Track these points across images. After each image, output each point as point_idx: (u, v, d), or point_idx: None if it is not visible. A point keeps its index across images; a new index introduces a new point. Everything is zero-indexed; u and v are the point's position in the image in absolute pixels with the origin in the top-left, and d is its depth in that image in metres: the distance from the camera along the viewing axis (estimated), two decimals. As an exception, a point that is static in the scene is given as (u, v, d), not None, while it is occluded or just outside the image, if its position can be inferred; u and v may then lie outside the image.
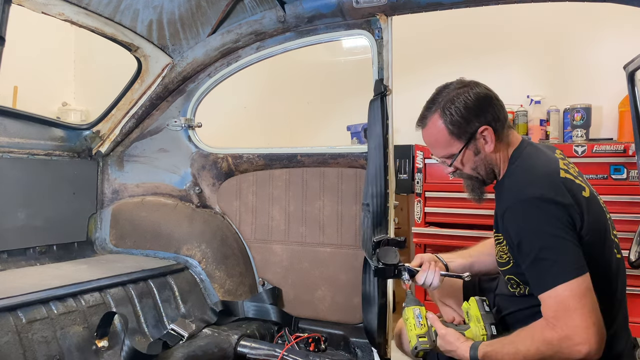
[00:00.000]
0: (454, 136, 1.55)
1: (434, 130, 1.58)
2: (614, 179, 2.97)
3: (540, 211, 1.36)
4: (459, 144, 1.55)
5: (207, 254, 2.48)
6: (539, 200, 1.37)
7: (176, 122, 2.67)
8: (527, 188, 1.42)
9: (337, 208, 2.37)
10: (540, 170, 1.47)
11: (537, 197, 1.37)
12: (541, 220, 1.36)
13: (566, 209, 1.35)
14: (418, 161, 3.51)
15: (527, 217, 1.39)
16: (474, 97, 1.52)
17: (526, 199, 1.39)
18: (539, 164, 1.50)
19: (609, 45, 3.55)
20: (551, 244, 1.33)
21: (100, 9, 2.16)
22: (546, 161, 1.51)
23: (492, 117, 1.53)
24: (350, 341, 2.28)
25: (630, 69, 2.07)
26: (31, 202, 2.43)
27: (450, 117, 1.53)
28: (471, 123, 1.52)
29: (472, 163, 1.58)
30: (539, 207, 1.36)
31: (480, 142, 1.54)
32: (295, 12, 2.26)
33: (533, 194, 1.38)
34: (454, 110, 1.52)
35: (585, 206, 1.39)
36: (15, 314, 1.69)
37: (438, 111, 1.55)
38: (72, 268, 2.32)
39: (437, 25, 3.89)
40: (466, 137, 1.54)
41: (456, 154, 1.57)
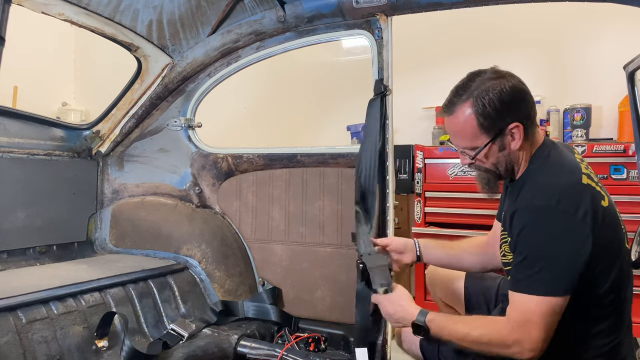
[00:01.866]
0: (482, 129, 1.46)
1: (462, 119, 1.47)
2: (614, 179, 2.97)
3: (550, 220, 1.32)
4: (485, 138, 1.47)
5: (207, 254, 2.48)
6: (551, 210, 1.32)
7: (176, 122, 2.67)
8: (544, 194, 1.36)
9: (337, 208, 2.37)
10: (561, 177, 1.40)
11: (551, 206, 1.32)
12: (547, 229, 1.32)
13: (578, 223, 1.31)
14: (418, 161, 3.51)
15: (534, 221, 1.35)
16: (510, 90, 1.43)
17: (540, 205, 1.35)
18: (559, 169, 1.44)
19: (609, 45, 3.55)
20: (545, 255, 1.31)
21: (100, 9, 2.16)
22: (569, 167, 1.44)
23: (525, 114, 1.46)
24: (350, 341, 2.28)
25: (630, 69, 2.07)
26: (31, 202, 2.43)
27: (482, 109, 1.43)
28: (503, 118, 1.44)
29: (495, 158, 1.51)
30: (551, 216, 1.32)
31: (507, 138, 1.46)
32: (295, 12, 2.26)
33: (548, 202, 1.33)
34: (487, 101, 1.42)
35: (601, 216, 1.34)
36: (15, 314, 1.69)
37: (470, 100, 1.45)
38: (72, 268, 2.32)
39: (437, 26, 3.90)
40: (495, 132, 1.46)
41: (481, 147, 1.49)
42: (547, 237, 1.32)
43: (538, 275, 1.31)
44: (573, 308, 1.35)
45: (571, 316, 1.37)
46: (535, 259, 1.32)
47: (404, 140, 3.74)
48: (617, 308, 1.42)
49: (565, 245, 1.30)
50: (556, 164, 1.46)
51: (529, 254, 1.34)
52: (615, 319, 1.42)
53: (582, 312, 1.38)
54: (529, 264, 1.33)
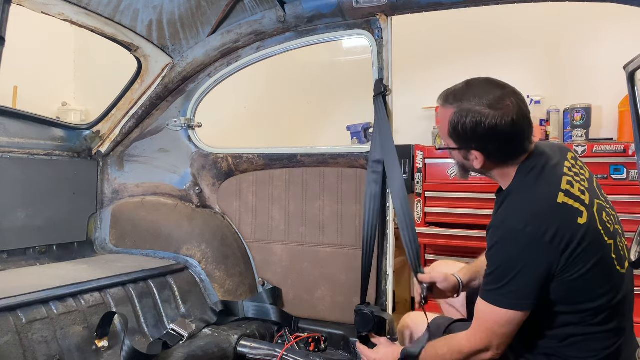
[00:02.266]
0: (450, 137, 1.54)
1: (442, 116, 1.57)
2: (614, 179, 2.97)
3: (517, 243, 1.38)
4: (452, 143, 1.56)
5: (207, 254, 2.48)
6: (519, 233, 1.37)
7: (176, 122, 2.67)
8: (515, 217, 1.41)
9: (337, 208, 2.37)
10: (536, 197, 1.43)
11: (520, 229, 1.37)
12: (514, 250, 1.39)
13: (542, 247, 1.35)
14: (418, 161, 3.50)
15: (502, 241, 1.41)
16: (487, 127, 1.43)
17: (510, 228, 1.40)
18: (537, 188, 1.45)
19: (609, 45, 3.55)
20: (511, 272, 1.38)
21: (100, 9, 2.16)
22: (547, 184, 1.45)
23: (494, 150, 1.48)
24: (350, 341, 2.28)
25: (630, 69, 2.07)
26: (31, 202, 2.43)
27: (455, 124, 1.48)
28: (469, 143, 1.50)
29: (462, 162, 1.60)
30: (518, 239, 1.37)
31: (471, 156, 1.52)
32: (295, 12, 2.26)
33: (517, 224, 1.38)
34: (462, 122, 1.47)
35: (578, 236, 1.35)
36: (15, 314, 1.69)
37: (453, 109, 1.50)
38: (72, 268, 2.32)
39: (437, 26, 3.90)
40: (459, 145, 1.54)
41: (448, 147, 1.59)
42: (511, 257, 1.39)
43: (501, 289, 1.40)
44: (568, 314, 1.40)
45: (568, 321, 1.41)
46: (501, 274, 1.40)
47: (404, 140, 3.73)
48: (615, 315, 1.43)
49: (529, 267, 1.37)
50: (534, 183, 1.47)
51: (495, 269, 1.42)
52: (615, 324, 1.43)
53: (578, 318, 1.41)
54: (495, 278, 1.42)
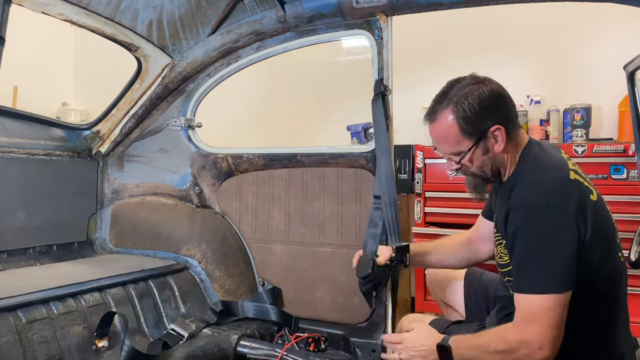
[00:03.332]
0: (465, 134, 1.49)
1: (445, 126, 1.51)
2: (614, 179, 2.97)
3: (544, 218, 1.35)
4: (469, 142, 1.50)
5: (207, 254, 2.48)
6: (544, 207, 1.35)
7: (176, 122, 2.67)
8: (535, 192, 1.39)
9: (337, 208, 2.37)
10: (550, 174, 1.43)
11: (543, 203, 1.35)
12: (542, 226, 1.35)
13: (571, 217, 1.33)
14: (418, 161, 3.51)
15: (529, 220, 1.37)
16: (488, 94, 1.46)
17: (532, 203, 1.37)
18: (548, 166, 1.46)
19: (609, 45, 3.55)
20: (544, 252, 1.33)
21: (100, 9, 2.16)
22: (555, 163, 1.47)
23: (505, 116, 1.49)
24: (350, 341, 2.28)
25: (630, 69, 2.07)
26: (31, 202, 2.43)
27: (463, 114, 1.47)
28: (484, 121, 1.47)
29: (480, 162, 1.54)
30: (543, 213, 1.35)
31: (490, 141, 1.50)
32: (295, 12, 2.26)
33: (539, 199, 1.36)
34: (467, 106, 1.46)
35: (591, 211, 1.37)
36: (15, 314, 1.69)
37: (451, 106, 1.49)
38: (72, 268, 2.32)
39: (437, 26, 3.90)
40: (477, 135, 1.49)
41: (465, 151, 1.51)
42: (542, 235, 1.34)
43: (538, 274, 1.33)
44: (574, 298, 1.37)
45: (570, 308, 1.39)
46: (533, 258, 1.34)
47: (404, 140, 3.74)
48: (611, 302, 1.44)
49: (561, 241, 1.32)
50: (544, 162, 1.48)
51: (526, 254, 1.36)
52: (608, 314, 1.44)
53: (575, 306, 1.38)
54: (527, 264, 1.35)
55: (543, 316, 1.31)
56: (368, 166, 2.28)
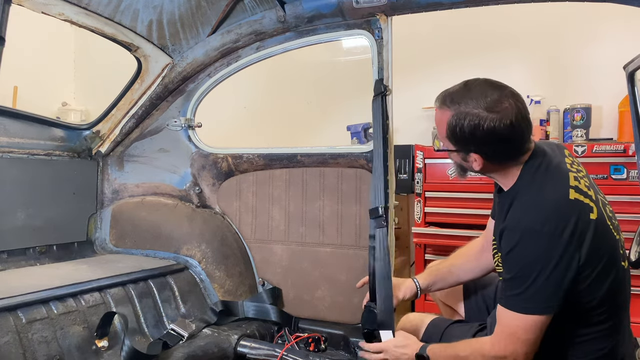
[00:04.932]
0: (448, 139, 1.53)
1: (439, 118, 1.54)
2: (614, 179, 2.97)
3: (536, 244, 1.35)
4: (450, 145, 1.54)
5: (207, 254, 2.48)
6: (538, 233, 1.35)
7: (176, 122, 2.67)
8: (530, 215, 1.39)
9: (337, 208, 2.37)
10: (547, 196, 1.41)
11: (537, 229, 1.35)
12: (533, 252, 1.35)
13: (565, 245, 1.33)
14: (418, 161, 3.51)
15: (520, 243, 1.37)
16: (486, 131, 1.42)
17: (527, 227, 1.37)
18: (546, 186, 1.43)
19: (609, 45, 3.55)
20: (531, 276, 1.34)
21: (100, 9, 2.16)
22: (556, 181, 1.44)
23: (493, 153, 1.48)
24: (350, 341, 2.28)
25: (630, 69, 2.07)
26: (31, 202, 2.43)
27: (453, 127, 1.47)
28: (468, 145, 1.48)
29: (460, 162, 1.58)
30: (537, 239, 1.35)
31: (470, 158, 1.51)
32: (295, 12, 2.26)
33: (534, 224, 1.36)
34: (460, 125, 1.45)
35: (591, 231, 1.35)
36: (15, 314, 1.69)
37: (451, 112, 1.48)
38: (72, 268, 2.32)
39: (437, 26, 3.90)
40: (458, 148, 1.52)
41: (446, 149, 1.57)
42: (532, 259, 1.35)
43: (524, 294, 1.36)
44: (569, 314, 1.38)
45: (567, 321, 1.40)
46: (521, 278, 1.36)
47: (404, 140, 3.74)
48: (613, 313, 1.44)
49: (550, 267, 1.33)
50: (544, 180, 1.45)
51: (516, 274, 1.38)
52: (611, 323, 1.44)
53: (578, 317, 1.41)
54: (516, 283, 1.38)
55: (521, 335, 1.36)
56: (368, 166, 2.28)
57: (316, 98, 4.56)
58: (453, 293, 2.01)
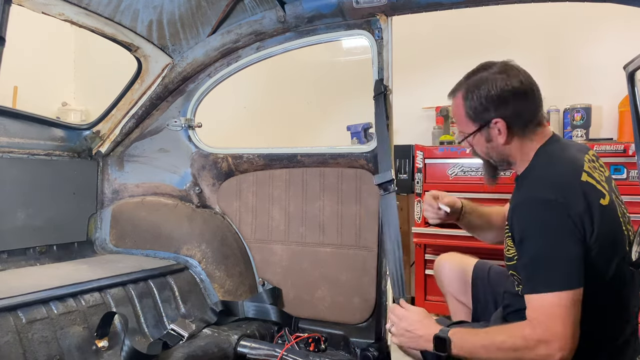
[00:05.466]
0: (468, 118, 1.56)
1: (455, 106, 1.61)
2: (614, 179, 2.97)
3: (550, 215, 1.34)
4: (472, 127, 1.57)
5: (207, 254, 2.48)
6: (550, 204, 1.34)
7: (176, 122, 2.67)
8: (542, 188, 1.39)
9: (337, 208, 2.37)
10: (560, 171, 1.43)
11: (550, 199, 1.34)
12: (549, 224, 1.34)
13: (577, 217, 1.32)
14: (418, 161, 3.51)
15: (535, 217, 1.37)
16: (500, 88, 1.49)
17: (538, 199, 1.37)
18: (560, 164, 1.46)
19: (609, 45, 3.55)
20: (553, 250, 1.32)
21: (100, 9, 2.16)
22: (569, 162, 1.46)
23: (512, 113, 1.50)
24: (350, 341, 2.28)
25: (630, 69, 2.07)
26: (31, 202, 2.43)
27: (470, 100, 1.54)
28: (487, 112, 1.52)
29: (484, 148, 1.60)
30: (550, 210, 1.34)
31: (493, 131, 1.54)
32: (295, 13, 2.26)
33: (546, 195, 1.36)
34: (476, 95, 1.52)
35: (599, 214, 1.35)
36: (15, 314, 1.69)
37: (462, 90, 1.56)
38: (72, 268, 2.32)
39: (437, 26, 3.90)
40: (479, 123, 1.55)
41: (468, 134, 1.59)
42: (550, 234, 1.33)
43: (550, 272, 1.32)
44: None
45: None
46: (543, 257, 1.33)
47: (404, 140, 3.75)
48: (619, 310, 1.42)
49: (568, 239, 1.32)
50: (556, 159, 1.48)
51: (536, 253, 1.34)
52: (617, 322, 1.43)
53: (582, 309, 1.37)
54: (538, 263, 1.34)
55: (562, 313, 1.28)
56: (368, 166, 2.28)
57: (316, 98, 4.57)
58: (461, 284, 2.01)
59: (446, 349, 1.39)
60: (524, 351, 1.30)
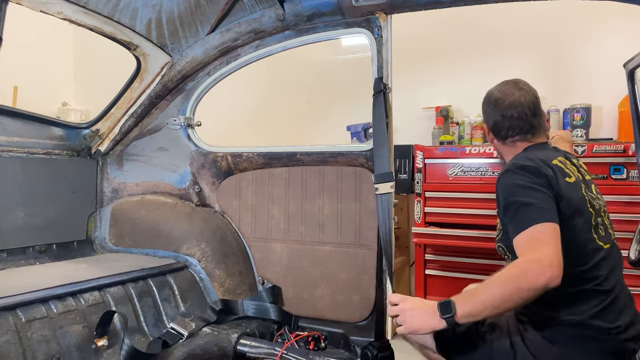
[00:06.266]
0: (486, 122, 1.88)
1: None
2: (614, 179, 2.97)
3: (521, 174, 1.56)
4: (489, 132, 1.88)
5: (206, 252, 2.48)
6: (520, 167, 1.58)
7: (175, 121, 2.67)
8: (518, 161, 1.64)
9: (337, 207, 2.37)
10: (529, 154, 1.68)
11: (519, 165, 1.59)
12: (521, 180, 1.55)
13: (545, 176, 1.54)
14: (418, 161, 3.51)
15: (509, 179, 1.58)
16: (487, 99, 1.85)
17: (515, 166, 1.61)
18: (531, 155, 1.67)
19: (609, 44, 3.55)
20: (530, 196, 1.50)
21: (99, 8, 2.16)
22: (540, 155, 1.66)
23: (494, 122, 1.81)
24: (350, 339, 2.28)
25: (630, 67, 2.08)
26: (30, 201, 2.43)
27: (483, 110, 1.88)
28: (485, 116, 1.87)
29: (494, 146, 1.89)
30: (520, 171, 1.57)
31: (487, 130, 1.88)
32: (295, 11, 2.26)
33: (515, 163, 1.62)
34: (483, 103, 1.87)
35: (564, 184, 1.56)
36: (15, 313, 1.68)
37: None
38: (71, 267, 2.32)
39: (437, 25, 3.90)
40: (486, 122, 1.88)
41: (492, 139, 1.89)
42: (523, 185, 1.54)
43: (532, 211, 1.48)
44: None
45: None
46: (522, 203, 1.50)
47: (404, 140, 3.75)
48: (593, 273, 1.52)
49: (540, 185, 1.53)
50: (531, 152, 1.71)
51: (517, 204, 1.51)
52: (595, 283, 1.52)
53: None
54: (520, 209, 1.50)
55: (547, 238, 1.41)
56: (367, 165, 2.28)
57: (316, 97, 4.57)
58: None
59: (452, 309, 1.40)
60: (520, 278, 1.36)
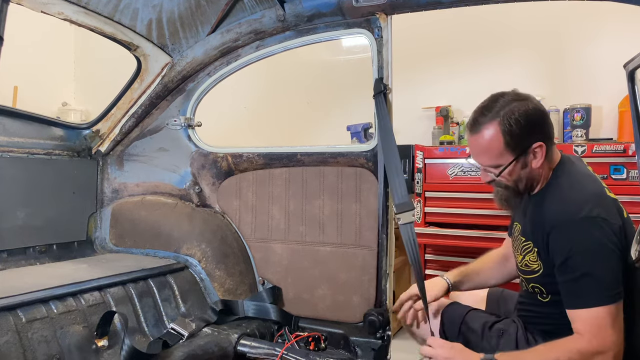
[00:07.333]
0: (508, 147, 1.52)
1: (488, 138, 1.54)
2: (614, 179, 2.97)
3: (595, 232, 1.40)
4: (510, 156, 1.54)
5: (207, 253, 2.48)
6: (594, 221, 1.40)
7: (176, 121, 2.67)
8: (580, 207, 1.43)
9: (337, 207, 2.37)
10: (589, 189, 1.48)
11: (593, 216, 1.40)
12: (594, 241, 1.39)
13: (617, 232, 1.39)
14: (418, 161, 3.51)
15: (580, 236, 1.41)
16: (533, 111, 1.51)
17: (581, 218, 1.42)
18: (585, 182, 1.51)
19: (609, 44, 3.55)
20: (599, 267, 1.38)
21: (99, 8, 2.16)
22: (591, 180, 1.53)
23: (547, 135, 1.54)
24: (350, 340, 2.27)
25: (630, 68, 2.07)
26: (31, 201, 2.43)
27: (509, 128, 1.50)
28: (528, 137, 1.52)
29: (517, 176, 1.57)
30: (594, 227, 1.40)
31: (530, 157, 1.54)
32: (295, 11, 2.26)
33: (588, 213, 1.41)
34: (514, 120, 1.49)
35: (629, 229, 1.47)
36: (15, 314, 1.68)
37: (497, 119, 1.52)
38: (71, 267, 2.32)
39: (437, 25, 3.90)
40: (519, 150, 1.53)
41: (505, 165, 1.55)
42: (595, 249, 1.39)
43: (597, 287, 1.38)
44: None
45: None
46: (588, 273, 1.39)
47: (404, 140, 3.74)
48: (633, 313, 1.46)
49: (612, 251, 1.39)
50: (580, 176, 1.54)
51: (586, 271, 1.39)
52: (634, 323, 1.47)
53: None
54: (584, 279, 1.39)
55: (613, 324, 1.36)
56: (368, 165, 2.28)
57: (316, 98, 4.57)
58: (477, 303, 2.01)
59: None
60: None
